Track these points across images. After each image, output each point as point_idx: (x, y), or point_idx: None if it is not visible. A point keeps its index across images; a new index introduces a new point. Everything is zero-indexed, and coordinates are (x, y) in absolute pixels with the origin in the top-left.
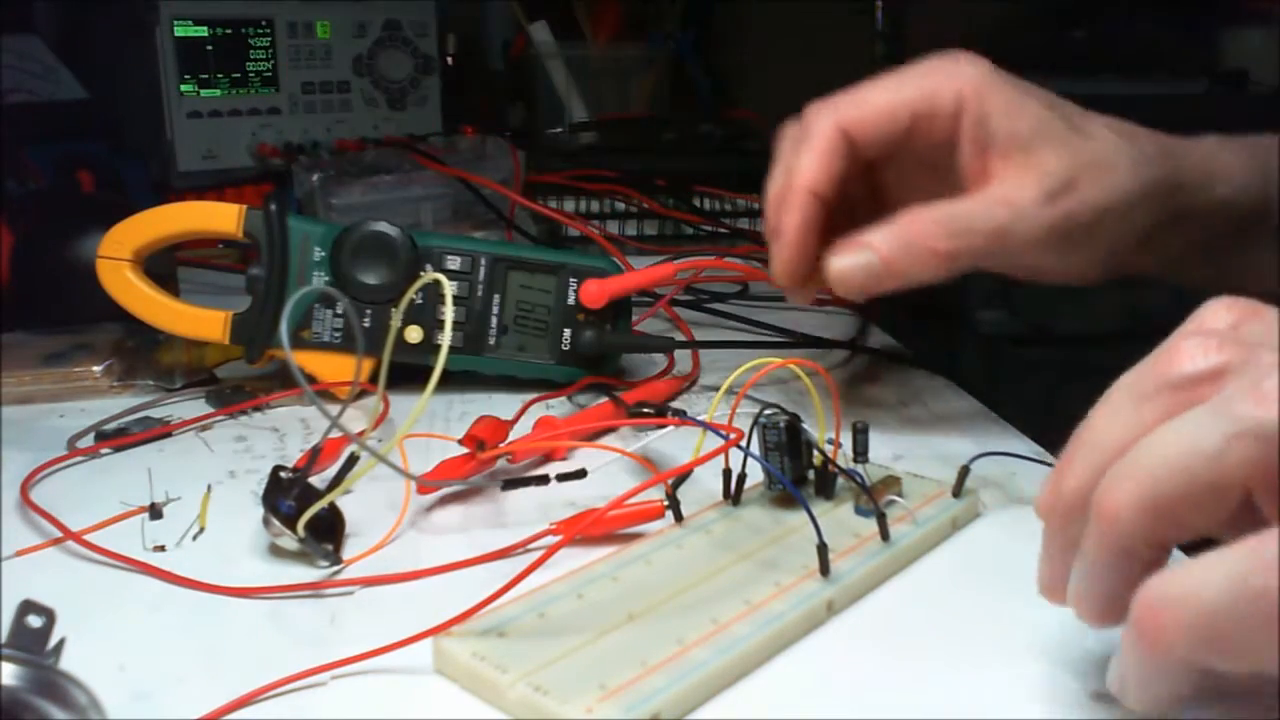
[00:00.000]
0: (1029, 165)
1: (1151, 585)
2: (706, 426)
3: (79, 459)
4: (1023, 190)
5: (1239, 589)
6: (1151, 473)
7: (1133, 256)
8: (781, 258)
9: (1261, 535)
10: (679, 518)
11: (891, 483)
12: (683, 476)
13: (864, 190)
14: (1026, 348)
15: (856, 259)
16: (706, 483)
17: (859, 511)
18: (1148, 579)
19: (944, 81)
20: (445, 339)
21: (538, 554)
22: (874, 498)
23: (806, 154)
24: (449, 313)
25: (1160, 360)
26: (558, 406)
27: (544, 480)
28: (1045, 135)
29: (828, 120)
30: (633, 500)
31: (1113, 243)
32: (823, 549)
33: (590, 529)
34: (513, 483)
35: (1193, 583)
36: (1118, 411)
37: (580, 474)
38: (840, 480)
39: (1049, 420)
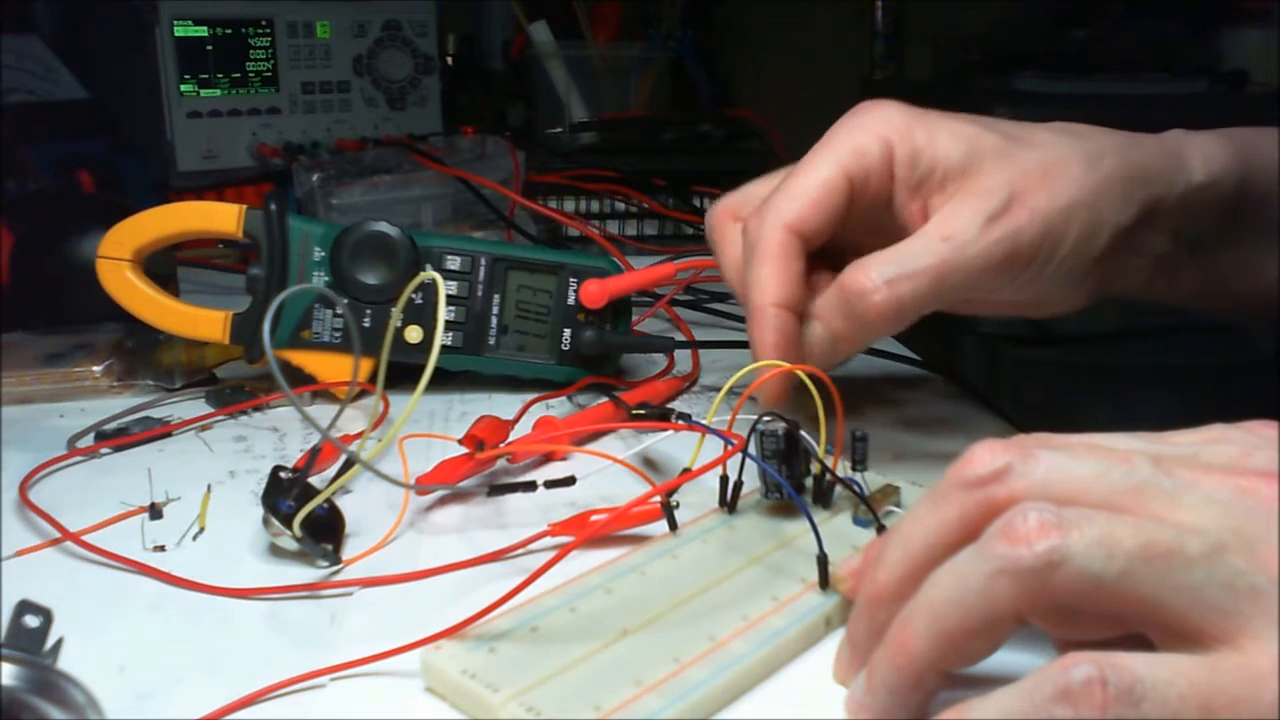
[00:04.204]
0: (966, 191)
1: (949, 714)
2: (710, 431)
3: (79, 459)
4: (960, 217)
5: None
6: (934, 609)
7: (1117, 267)
8: (768, 382)
9: (1035, 673)
10: (673, 526)
11: (890, 492)
12: None
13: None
14: (1026, 348)
15: (810, 334)
16: (705, 481)
17: (857, 522)
18: (946, 711)
19: (864, 133)
20: (437, 339)
21: (536, 555)
22: (873, 508)
23: (761, 267)
24: (441, 312)
25: (956, 466)
26: (558, 406)
27: (531, 486)
28: (978, 155)
29: (772, 225)
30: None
31: (1083, 254)
32: (823, 560)
33: (592, 532)
34: (499, 489)
35: (986, 711)
36: (922, 513)
37: (569, 481)
38: (838, 489)
39: (1049, 420)
